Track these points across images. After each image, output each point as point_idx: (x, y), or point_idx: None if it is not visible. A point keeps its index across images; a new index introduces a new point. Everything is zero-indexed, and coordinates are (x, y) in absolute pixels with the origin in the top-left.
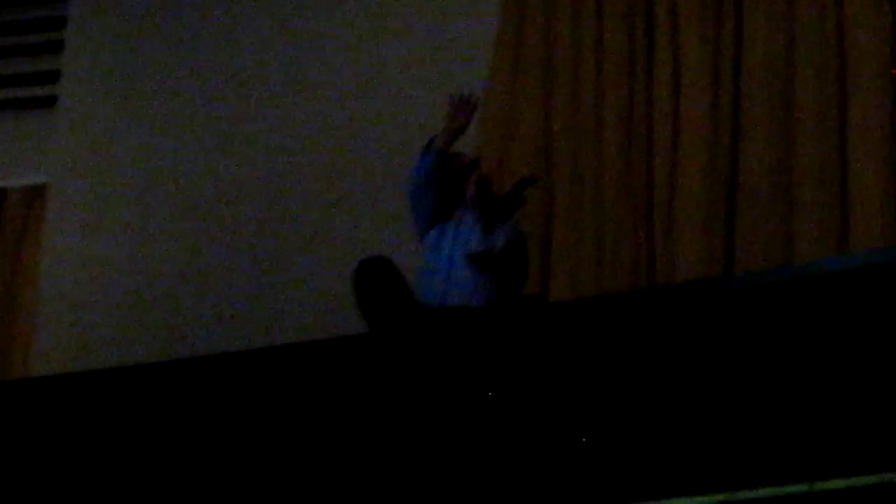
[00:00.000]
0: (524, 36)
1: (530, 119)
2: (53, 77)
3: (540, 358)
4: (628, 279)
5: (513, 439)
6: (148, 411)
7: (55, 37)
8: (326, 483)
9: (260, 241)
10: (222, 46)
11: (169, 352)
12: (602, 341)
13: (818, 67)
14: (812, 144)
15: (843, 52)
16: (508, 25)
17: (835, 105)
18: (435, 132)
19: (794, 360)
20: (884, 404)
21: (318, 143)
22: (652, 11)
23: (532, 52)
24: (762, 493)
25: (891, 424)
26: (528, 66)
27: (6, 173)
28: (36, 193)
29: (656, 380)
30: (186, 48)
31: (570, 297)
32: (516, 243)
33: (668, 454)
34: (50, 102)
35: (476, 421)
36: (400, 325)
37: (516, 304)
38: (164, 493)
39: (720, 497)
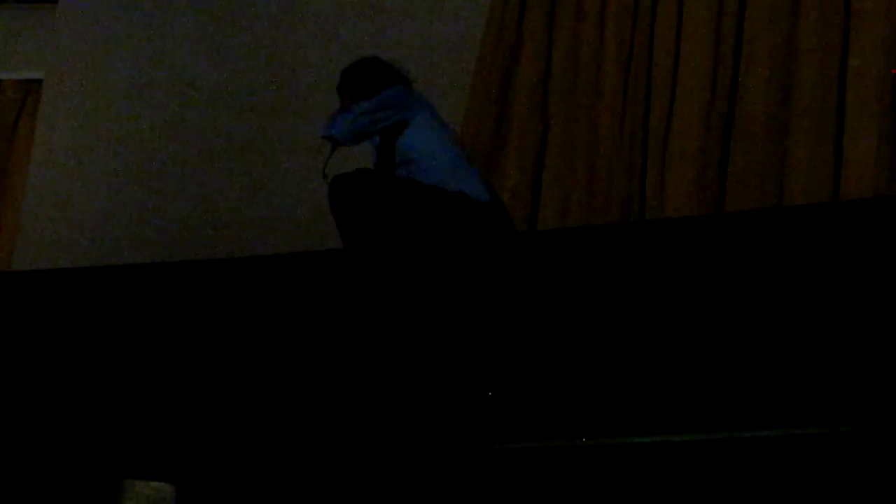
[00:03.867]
0: None
1: (531, 47)
2: None
3: (525, 288)
4: (619, 212)
5: (497, 370)
6: (130, 313)
7: None
8: (309, 396)
9: (253, 147)
10: None
11: (154, 255)
12: (588, 273)
13: (821, 13)
14: (810, 89)
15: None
16: None
17: (836, 50)
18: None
19: (780, 299)
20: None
21: (317, 52)
22: None
23: None
24: (758, 433)
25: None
26: None
27: (3, 65)
28: (31, 88)
29: (642, 314)
30: None
31: (559, 227)
32: None
33: (657, 390)
34: None
35: (460, 351)
36: (376, 246)
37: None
38: (143, 396)
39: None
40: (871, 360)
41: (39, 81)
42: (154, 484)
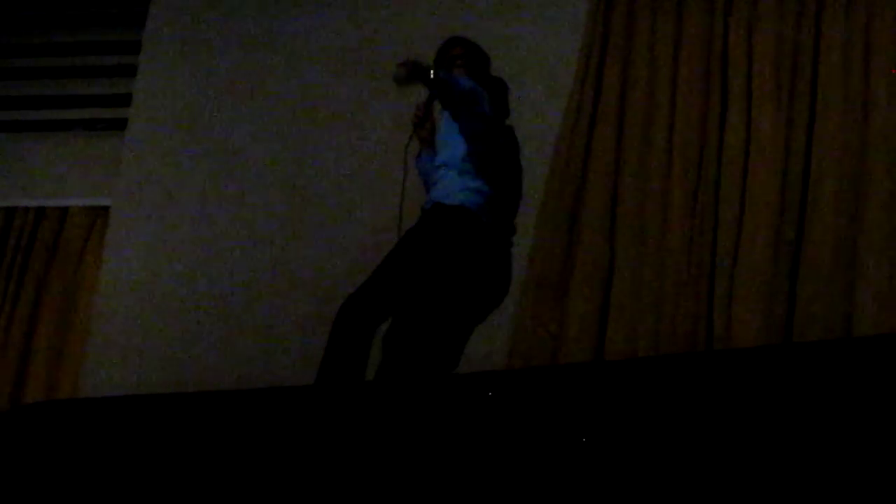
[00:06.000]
0: (601, 90)
1: (600, 173)
2: (125, 101)
3: (588, 418)
4: (686, 341)
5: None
6: (195, 440)
7: (129, 60)
8: None
9: (320, 275)
10: (290, 79)
11: (222, 382)
12: (656, 403)
13: (891, 144)
14: (880, 220)
15: None
16: (586, 79)
17: None
18: None
19: (844, 429)
20: None
21: (381, 177)
22: (727, 77)
23: (607, 107)
24: None
25: None
26: (603, 121)
27: (71, 192)
28: (98, 214)
29: (710, 443)
30: (256, 80)
31: (625, 356)
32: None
33: None
34: (120, 125)
35: (502, 480)
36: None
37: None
38: None
39: None
40: None
41: (106, 208)
42: None
